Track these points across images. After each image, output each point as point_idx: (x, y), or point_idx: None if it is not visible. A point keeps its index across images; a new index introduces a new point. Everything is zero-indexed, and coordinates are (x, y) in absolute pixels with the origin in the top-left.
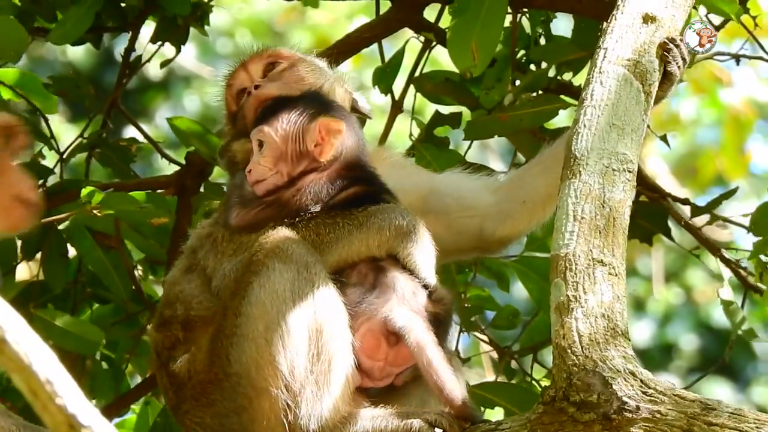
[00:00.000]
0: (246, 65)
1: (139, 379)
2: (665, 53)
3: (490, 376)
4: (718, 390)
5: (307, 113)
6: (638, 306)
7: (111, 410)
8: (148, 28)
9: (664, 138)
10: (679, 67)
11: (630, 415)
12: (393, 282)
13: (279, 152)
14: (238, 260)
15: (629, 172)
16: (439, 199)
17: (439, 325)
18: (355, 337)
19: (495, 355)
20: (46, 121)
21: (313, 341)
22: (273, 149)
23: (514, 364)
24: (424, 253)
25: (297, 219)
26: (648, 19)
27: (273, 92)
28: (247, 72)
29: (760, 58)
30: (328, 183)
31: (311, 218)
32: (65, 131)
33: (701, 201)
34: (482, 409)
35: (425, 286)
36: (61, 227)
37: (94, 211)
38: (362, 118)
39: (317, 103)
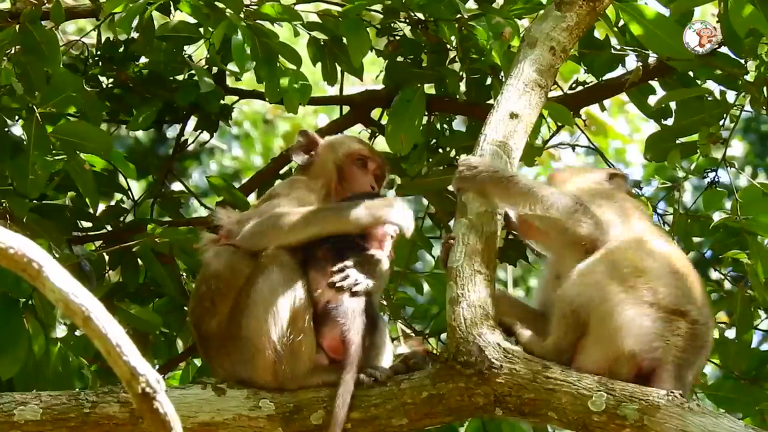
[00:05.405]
0: (381, 162)
1: (182, 348)
2: None
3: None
4: None
5: None
6: None
7: (166, 368)
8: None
9: None
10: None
11: (496, 371)
12: (350, 305)
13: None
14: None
15: (499, 214)
16: None
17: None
18: (327, 338)
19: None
20: (126, 180)
21: (291, 323)
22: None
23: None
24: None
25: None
26: (513, 116)
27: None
28: (380, 165)
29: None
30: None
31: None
32: (136, 186)
33: None
34: None
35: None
36: (134, 249)
37: (156, 239)
38: None
39: None
